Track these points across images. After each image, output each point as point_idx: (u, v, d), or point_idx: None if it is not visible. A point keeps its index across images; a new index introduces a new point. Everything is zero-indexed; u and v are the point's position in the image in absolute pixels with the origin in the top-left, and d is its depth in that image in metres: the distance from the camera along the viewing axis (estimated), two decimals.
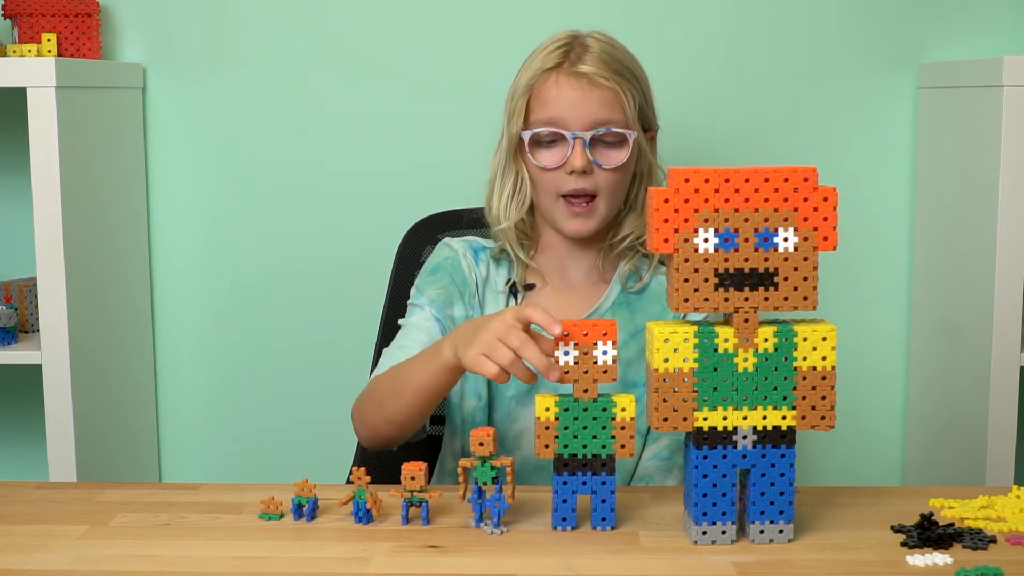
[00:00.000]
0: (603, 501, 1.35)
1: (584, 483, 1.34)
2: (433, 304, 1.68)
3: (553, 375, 1.33)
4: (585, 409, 1.33)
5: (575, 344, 1.32)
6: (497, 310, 1.64)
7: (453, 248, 1.74)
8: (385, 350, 1.69)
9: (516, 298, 1.71)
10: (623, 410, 1.33)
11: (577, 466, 1.34)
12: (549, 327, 1.32)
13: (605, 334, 1.32)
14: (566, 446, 1.33)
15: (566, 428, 1.33)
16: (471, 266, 1.72)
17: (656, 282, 1.74)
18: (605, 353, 1.32)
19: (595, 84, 1.63)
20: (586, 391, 1.33)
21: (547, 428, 1.33)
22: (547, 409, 1.33)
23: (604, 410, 1.33)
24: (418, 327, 1.67)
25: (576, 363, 1.32)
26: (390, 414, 1.55)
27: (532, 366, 1.36)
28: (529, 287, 1.72)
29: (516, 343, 1.35)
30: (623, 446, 1.33)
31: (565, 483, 1.34)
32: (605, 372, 1.32)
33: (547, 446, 1.33)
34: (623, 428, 1.33)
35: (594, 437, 1.33)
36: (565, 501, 1.35)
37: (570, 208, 1.66)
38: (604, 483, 1.34)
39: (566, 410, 1.33)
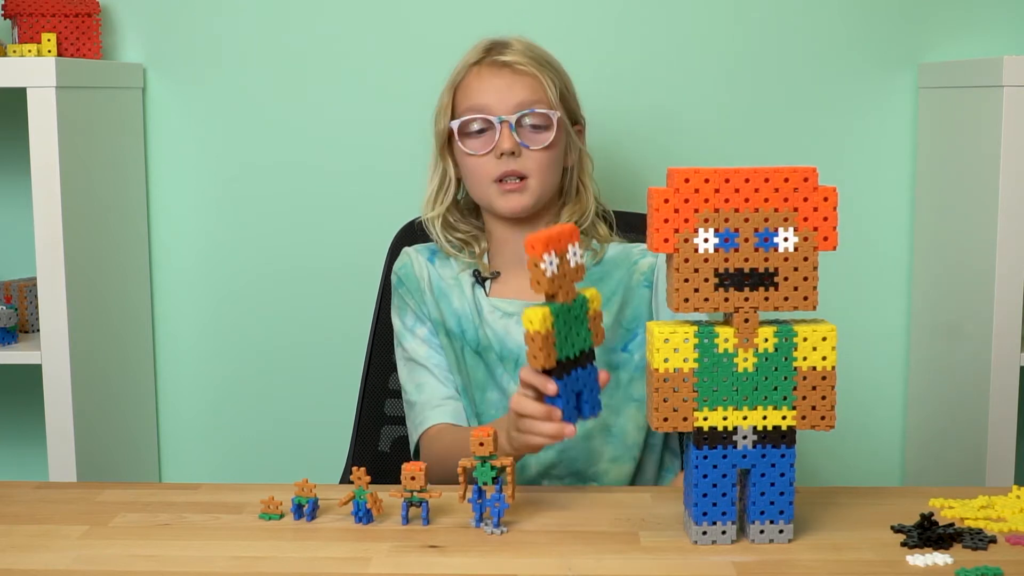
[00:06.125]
0: (591, 391, 1.38)
1: (577, 379, 1.37)
2: (417, 323, 1.76)
3: (568, 430, 1.37)
4: (569, 311, 1.34)
5: (554, 251, 1.32)
6: (463, 299, 1.74)
7: (406, 254, 1.81)
8: (408, 400, 1.75)
9: (484, 285, 1.75)
10: (592, 301, 1.37)
11: (570, 366, 1.36)
12: (544, 388, 1.35)
13: (570, 236, 1.34)
14: (563, 351, 1.34)
15: (562, 336, 1.34)
16: (423, 266, 1.77)
17: (612, 249, 1.78)
18: (575, 254, 1.34)
19: (517, 72, 1.71)
20: (568, 294, 1.34)
21: (546, 339, 1.31)
22: (544, 320, 1.29)
23: (581, 307, 1.36)
24: (422, 358, 1.75)
25: (558, 271, 1.32)
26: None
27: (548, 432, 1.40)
28: (495, 275, 1.76)
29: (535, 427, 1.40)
30: (597, 335, 1.38)
31: (566, 385, 1.35)
32: (577, 272, 1.35)
33: (549, 356, 1.32)
34: (595, 318, 1.37)
35: (578, 335, 1.36)
36: (568, 402, 1.36)
37: (503, 187, 1.71)
38: (589, 373, 1.38)
39: (558, 317, 1.33)
